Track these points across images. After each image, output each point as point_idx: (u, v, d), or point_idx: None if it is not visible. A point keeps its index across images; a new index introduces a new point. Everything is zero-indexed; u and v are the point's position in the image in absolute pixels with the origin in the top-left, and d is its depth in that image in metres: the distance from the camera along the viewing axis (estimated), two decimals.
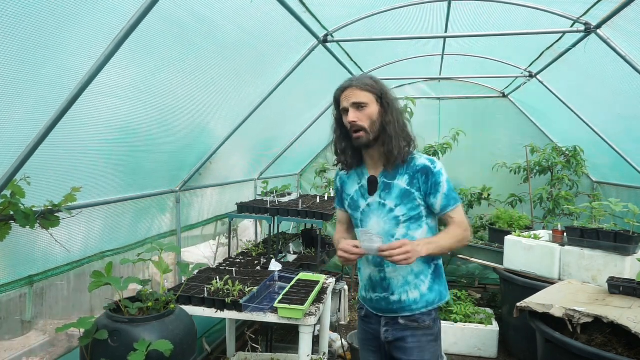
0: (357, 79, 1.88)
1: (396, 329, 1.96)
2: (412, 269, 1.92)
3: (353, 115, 1.83)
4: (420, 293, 1.94)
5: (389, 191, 1.91)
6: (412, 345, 1.93)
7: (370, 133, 1.84)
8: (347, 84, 1.87)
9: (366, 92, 1.83)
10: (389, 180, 1.92)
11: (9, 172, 1.90)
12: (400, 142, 1.85)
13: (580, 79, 3.99)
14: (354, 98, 1.83)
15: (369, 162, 1.98)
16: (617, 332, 2.46)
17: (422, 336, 1.94)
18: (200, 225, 3.85)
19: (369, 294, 2.04)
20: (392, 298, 1.95)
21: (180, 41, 2.32)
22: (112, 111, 2.31)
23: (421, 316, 1.94)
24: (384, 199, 1.92)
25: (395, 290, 1.94)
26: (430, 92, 5.96)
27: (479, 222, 5.52)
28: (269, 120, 4.06)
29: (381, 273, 1.95)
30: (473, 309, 4.35)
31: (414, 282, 1.93)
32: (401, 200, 1.89)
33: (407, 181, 1.89)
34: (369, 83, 1.85)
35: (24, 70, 1.69)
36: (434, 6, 3.31)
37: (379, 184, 1.93)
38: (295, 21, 2.86)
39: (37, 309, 2.27)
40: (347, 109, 1.85)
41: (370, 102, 1.83)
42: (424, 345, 1.94)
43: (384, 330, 1.99)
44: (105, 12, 1.77)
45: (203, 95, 2.92)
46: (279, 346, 3.88)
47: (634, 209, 3.18)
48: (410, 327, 1.94)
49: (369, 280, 2.02)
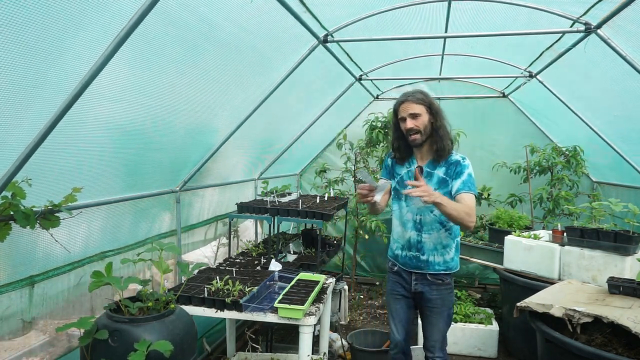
0: (411, 94, 2.47)
1: (424, 284, 2.61)
2: (442, 241, 2.55)
3: (410, 123, 2.45)
4: (444, 259, 2.58)
5: (430, 178, 2.53)
6: (436, 296, 2.60)
7: (423, 135, 2.46)
8: (404, 98, 2.47)
9: (419, 104, 2.44)
10: (431, 170, 2.55)
11: (9, 172, 1.90)
12: (447, 142, 2.48)
13: (580, 79, 3.99)
14: (411, 110, 2.44)
15: (417, 155, 2.61)
16: (617, 332, 2.47)
17: (444, 290, 2.61)
18: (200, 225, 3.85)
19: (403, 251, 2.64)
20: (422, 257, 2.57)
21: (181, 42, 2.32)
22: (113, 112, 2.31)
23: (444, 276, 2.60)
24: (427, 183, 2.43)
25: (426, 252, 2.57)
26: (430, 92, 5.91)
27: (479, 222, 5.52)
28: (269, 120, 4.06)
29: (419, 237, 2.57)
30: (473, 309, 4.35)
31: (441, 251, 2.57)
32: (439, 186, 2.51)
33: (444, 171, 2.51)
34: (420, 97, 2.46)
35: (24, 72, 1.69)
36: (434, 6, 3.31)
37: (424, 173, 2.56)
38: (296, 21, 2.86)
39: (37, 309, 2.27)
40: (405, 118, 2.46)
41: (422, 112, 2.44)
42: (445, 297, 2.62)
43: (414, 283, 2.63)
44: (105, 13, 1.77)
45: (203, 95, 2.92)
46: (279, 346, 3.88)
47: (634, 209, 3.18)
48: (436, 284, 2.59)
49: (407, 241, 2.61)
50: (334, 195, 5.17)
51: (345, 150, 5.54)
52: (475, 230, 5.50)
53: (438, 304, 2.60)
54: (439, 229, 2.55)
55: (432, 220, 2.54)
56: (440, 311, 2.61)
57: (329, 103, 4.87)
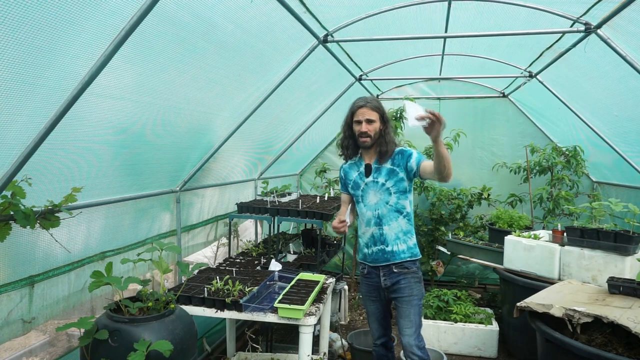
0: (369, 101, 2.70)
1: (392, 277, 2.72)
2: (402, 229, 2.71)
3: (365, 127, 2.66)
4: (407, 246, 2.72)
5: (379, 172, 2.73)
6: (404, 285, 2.70)
7: (372, 139, 2.69)
8: (363, 103, 2.69)
9: (375, 112, 2.68)
10: (379, 165, 2.74)
11: (9, 172, 1.90)
12: (391, 146, 2.71)
13: (580, 79, 3.99)
14: (367, 115, 2.67)
15: (365, 156, 2.81)
16: (617, 332, 2.47)
17: (412, 278, 2.71)
18: (200, 225, 3.85)
19: (370, 249, 2.76)
20: (387, 249, 2.70)
21: (181, 42, 2.32)
22: (113, 112, 2.31)
23: (409, 264, 2.71)
24: (376, 178, 2.72)
25: (389, 243, 2.70)
26: (430, 92, 5.96)
27: (479, 222, 5.53)
28: (269, 120, 4.06)
29: (380, 230, 2.71)
30: (473, 309, 4.35)
31: (403, 238, 2.71)
32: (389, 176, 2.70)
33: (390, 163, 2.72)
34: (377, 105, 2.70)
35: (24, 72, 1.69)
36: (434, 6, 3.31)
37: (372, 169, 2.75)
38: (296, 21, 2.86)
39: (37, 309, 2.27)
40: (361, 121, 2.67)
41: (376, 119, 2.68)
42: (412, 285, 2.70)
43: (382, 279, 2.73)
44: (106, 13, 1.77)
45: (204, 96, 2.92)
46: (279, 346, 3.88)
47: (634, 209, 3.18)
48: (402, 273, 2.70)
49: (370, 237, 2.74)
50: (334, 195, 5.17)
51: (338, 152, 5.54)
52: (475, 230, 5.50)
53: (406, 293, 2.68)
54: (397, 217, 2.69)
55: (389, 210, 2.69)
56: (409, 301, 2.67)
57: (329, 103, 4.87)
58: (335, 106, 4.95)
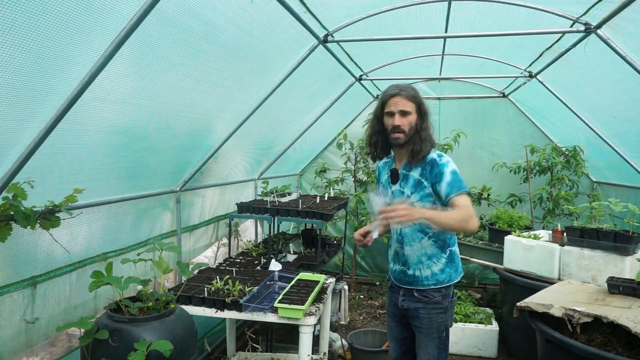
0: (403, 89, 2.23)
1: (411, 300, 2.35)
2: (426, 252, 2.30)
3: (398, 120, 2.20)
4: (432, 272, 2.30)
5: (406, 181, 2.30)
6: (423, 315, 2.32)
7: (407, 135, 2.22)
8: (396, 91, 2.22)
9: (411, 102, 2.21)
10: (407, 172, 2.31)
11: (10, 171, 1.90)
12: (427, 145, 2.23)
13: (580, 79, 3.99)
14: (401, 106, 2.20)
15: (397, 157, 2.38)
16: (617, 332, 2.47)
17: (432, 309, 2.31)
18: (200, 225, 3.85)
19: (394, 265, 2.44)
20: (409, 272, 2.34)
21: (181, 42, 2.32)
22: (114, 114, 2.31)
23: (432, 292, 2.31)
24: (402, 187, 2.31)
25: (411, 266, 2.33)
26: (430, 92, 5.96)
27: (479, 222, 5.52)
28: (269, 120, 4.06)
29: (402, 250, 2.35)
30: (473, 308, 4.35)
31: (427, 263, 2.30)
32: (415, 189, 2.26)
33: (419, 172, 2.26)
34: (412, 94, 2.23)
35: (25, 72, 1.69)
36: (434, 6, 3.31)
37: (400, 175, 2.33)
38: (296, 21, 2.86)
39: (39, 310, 2.27)
40: (394, 113, 2.21)
41: (412, 111, 2.22)
42: (433, 316, 2.32)
43: (401, 299, 2.39)
44: (106, 14, 1.77)
45: (203, 96, 2.92)
46: (279, 346, 3.88)
47: (633, 209, 3.18)
48: (423, 301, 2.32)
49: (395, 254, 2.42)
50: (334, 195, 5.17)
51: (345, 150, 5.55)
52: None
53: (425, 325, 2.32)
54: (421, 239, 2.29)
55: (412, 230, 2.29)
56: (427, 333, 2.32)
57: (329, 103, 4.87)
58: (335, 106, 4.95)
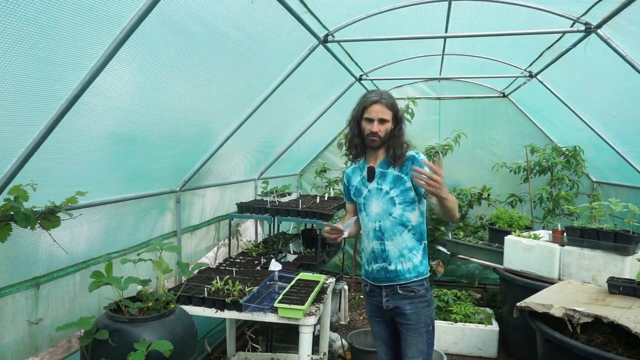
0: (384, 97, 2.32)
1: (395, 298, 2.36)
2: (407, 244, 2.34)
3: (377, 127, 2.30)
4: (413, 264, 2.35)
5: (384, 178, 2.37)
6: (410, 310, 2.33)
7: (382, 140, 2.33)
8: (377, 98, 2.30)
9: (389, 110, 2.32)
10: (384, 169, 2.38)
11: (10, 171, 1.90)
12: (405, 147, 2.35)
13: (580, 79, 3.99)
14: (381, 114, 2.30)
15: (370, 157, 2.45)
16: (617, 332, 2.47)
17: (419, 303, 2.34)
18: (200, 226, 3.84)
19: (370, 266, 2.42)
20: (390, 268, 2.35)
21: (181, 43, 2.31)
22: (115, 115, 2.31)
23: (415, 286, 2.34)
24: (380, 184, 2.37)
25: (392, 261, 2.34)
26: (430, 92, 5.96)
27: (479, 222, 5.53)
28: (269, 120, 4.05)
29: (382, 245, 2.36)
30: (473, 308, 4.35)
31: (408, 255, 2.34)
32: (394, 184, 2.34)
33: (399, 168, 2.35)
34: (391, 102, 2.34)
35: (25, 73, 1.69)
36: (434, 6, 3.31)
37: (376, 173, 2.39)
38: (296, 21, 2.86)
39: (43, 311, 2.27)
40: (373, 120, 2.31)
41: (390, 119, 2.32)
42: (420, 311, 2.34)
43: (385, 300, 2.39)
44: (107, 14, 1.77)
45: (203, 97, 2.91)
46: (279, 346, 3.88)
47: (633, 209, 3.18)
48: (408, 297, 2.34)
49: (371, 253, 2.41)
50: (334, 195, 5.16)
51: (345, 150, 5.53)
52: (475, 230, 5.50)
53: (413, 320, 2.32)
54: (402, 232, 2.33)
55: (392, 224, 2.33)
56: (416, 328, 2.32)
57: (329, 103, 4.87)
58: (336, 106, 4.95)
